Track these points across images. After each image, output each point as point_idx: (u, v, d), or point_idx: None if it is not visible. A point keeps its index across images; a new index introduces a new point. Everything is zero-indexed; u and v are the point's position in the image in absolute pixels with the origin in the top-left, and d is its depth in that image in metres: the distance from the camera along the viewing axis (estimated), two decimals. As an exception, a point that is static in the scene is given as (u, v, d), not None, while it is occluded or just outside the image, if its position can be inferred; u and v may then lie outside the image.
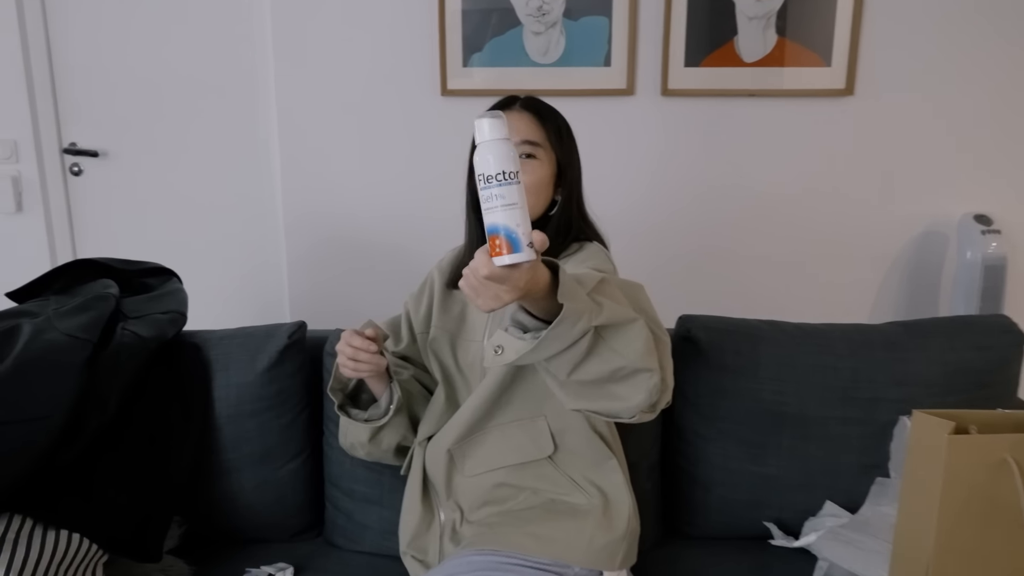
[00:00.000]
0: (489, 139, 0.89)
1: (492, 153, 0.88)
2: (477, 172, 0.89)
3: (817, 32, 2.38)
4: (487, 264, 0.86)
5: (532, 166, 1.35)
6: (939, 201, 2.53)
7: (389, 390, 1.39)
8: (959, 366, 1.58)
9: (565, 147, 1.39)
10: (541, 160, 1.36)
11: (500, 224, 0.86)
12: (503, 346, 0.97)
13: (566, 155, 1.39)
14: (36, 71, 2.65)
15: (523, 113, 1.38)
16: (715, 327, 1.63)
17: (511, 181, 0.87)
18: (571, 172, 1.39)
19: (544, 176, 1.36)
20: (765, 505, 1.63)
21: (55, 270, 1.67)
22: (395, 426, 1.42)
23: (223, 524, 1.61)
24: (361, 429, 1.41)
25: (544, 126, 1.37)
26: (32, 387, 1.30)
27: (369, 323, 1.36)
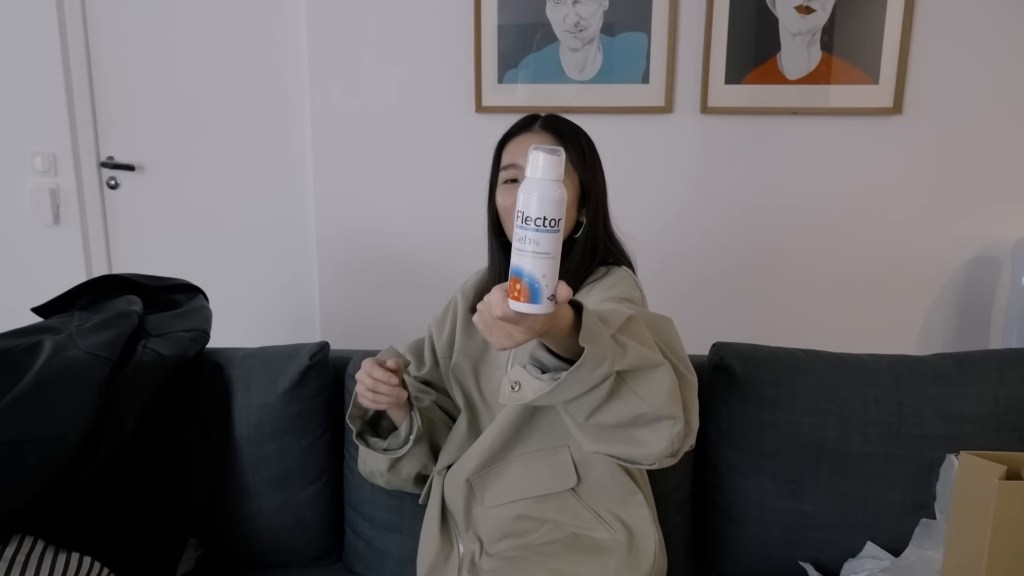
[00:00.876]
0: (541, 177, 0.83)
1: (539, 193, 0.83)
2: (518, 207, 0.83)
3: (864, 49, 2.34)
4: (501, 304, 0.82)
5: None
6: (992, 225, 2.47)
7: (409, 419, 1.35)
8: (1011, 403, 1.50)
9: (588, 167, 1.34)
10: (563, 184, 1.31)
11: (526, 270, 0.82)
12: (520, 383, 0.93)
13: (589, 175, 1.34)
14: (76, 86, 2.70)
15: (543, 135, 1.33)
16: (751, 355, 1.56)
17: (551, 229, 0.82)
18: (595, 192, 1.34)
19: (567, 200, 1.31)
20: (802, 544, 1.56)
21: (82, 285, 1.66)
22: (415, 455, 1.38)
23: (241, 547, 1.58)
24: (380, 459, 1.37)
25: (565, 146, 1.32)
26: (50, 405, 1.29)
27: (390, 350, 1.33)
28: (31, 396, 1.29)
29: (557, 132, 1.33)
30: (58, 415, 1.29)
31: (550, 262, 0.82)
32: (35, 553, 1.22)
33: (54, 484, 1.27)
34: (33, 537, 1.24)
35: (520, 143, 1.33)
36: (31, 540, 1.23)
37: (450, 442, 1.40)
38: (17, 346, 1.40)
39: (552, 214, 0.82)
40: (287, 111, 2.66)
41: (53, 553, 1.23)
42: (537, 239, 0.82)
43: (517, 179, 1.31)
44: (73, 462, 1.29)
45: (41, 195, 2.72)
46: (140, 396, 1.40)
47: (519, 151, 1.31)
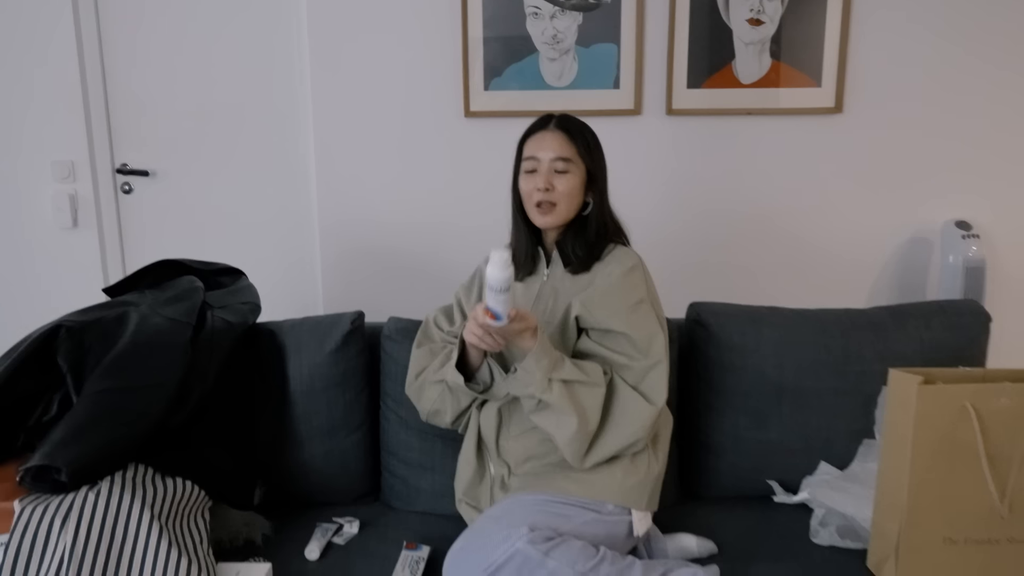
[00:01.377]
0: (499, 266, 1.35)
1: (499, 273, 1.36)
2: (486, 280, 1.37)
3: (808, 56, 2.58)
4: (481, 318, 1.41)
5: (565, 178, 1.60)
6: (922, 209, 2.70)
7: (487, 365, 1.60)
8: (934, 343, 1.81)
9: (594, 157, 1.64)
10: (572, 172, 1.61)
11: (492, 307, 1.40)
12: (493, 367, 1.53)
13: (594, 164, 1.64)
14: (92, 97, 2.86)
15: (556, 132, 1.63)
16: (723, 312, 1.86)
17: (505, 292, 1.37)
18: (600, 178, 1.64)
19: (575, 185, 1.61)
20: (768, 468, 1.85)
21: (142, 269, 1.90)
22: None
23: (296, 489, 1.83)
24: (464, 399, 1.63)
25: (574, 142, 1.62)
26: (148, 361, 1.54)
27: None
28: (131, 354, 1.54)
29: (567, 130, 1.62)
30: (156, 368, 1.54)
31: (505, 304, 1.39)
32: (148, 476, 1.46)
33: (158, 424, 1.52)
34: (144, 465, 1.49)
35: (538, 140, 1.63)
36: (143, 467, 1.48)
37: None
38: (106, 317, 1.64)
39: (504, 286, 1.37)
40: (290, 117, 2.83)
41: (161, 477, 1.48)
42: (498, 297, 1.38)
43: (536, 169, 1.60)
44: (170, 408, 1.54)
45: (61, 200, 2.87)
46: (217, 355, 1.66)
47: (538, 146, 1.62)
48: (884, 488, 1.49)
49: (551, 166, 1.60)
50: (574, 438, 1.47)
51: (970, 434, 1.39)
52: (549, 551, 1.36)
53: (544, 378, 1.45)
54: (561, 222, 1.63)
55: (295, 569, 1.58)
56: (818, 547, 1.65)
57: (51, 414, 1.54)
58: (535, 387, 1.45)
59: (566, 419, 1.46)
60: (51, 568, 1.28)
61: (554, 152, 1.60)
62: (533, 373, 1.45)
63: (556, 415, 1.47)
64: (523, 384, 1.46)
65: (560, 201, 1.60)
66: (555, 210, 1.60)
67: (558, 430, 1.48)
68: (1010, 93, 2.61)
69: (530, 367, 1.45)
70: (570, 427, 1.46)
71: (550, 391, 1.45)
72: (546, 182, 1.59)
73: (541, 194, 1.59)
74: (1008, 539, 1.44)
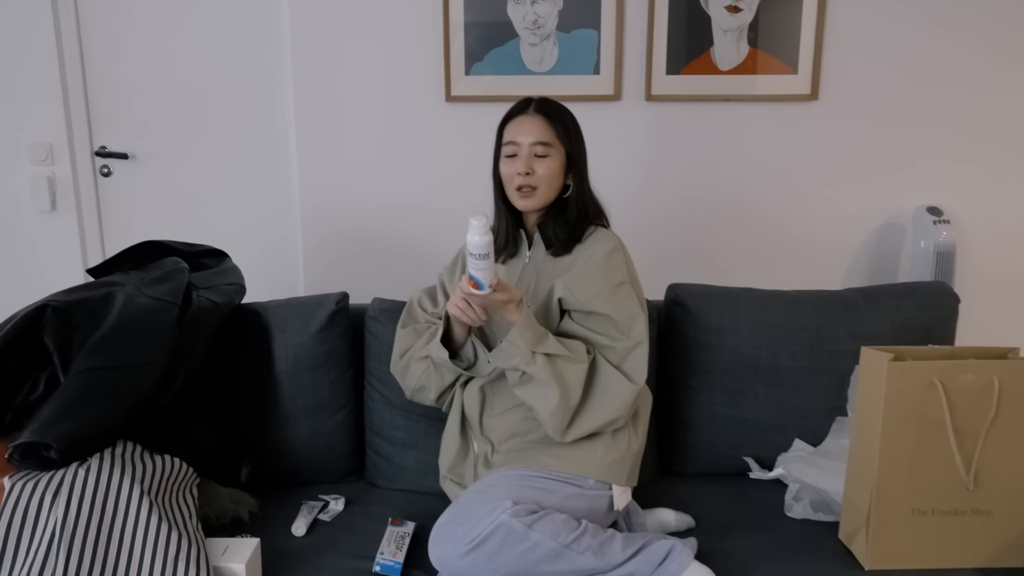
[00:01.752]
0: (478, 232, 1.40)
1: (478, 238, 1.40)
2: (467, 247, 1.41)
3: (785, 43, 2.61)
4: (465, 288, 1.46)
5: (545, 162, 1.63)
6: (895, 195, 2.76)
7: (471, 343, 1.63)
8: (904, 323, 1.87)
9: (573, 140, 1.66)
10: (552, 156, 1.63)
11: (474, 276, 1.44)
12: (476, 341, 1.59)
13: (574, 147, 1.66)
14: (70, 79, 2.84)
15: (536, 116, 1.65)
16: (700, 292, 1.91)
17: (486, 258, 1.42)
18: (579, 160, 1.67)
19: (555, 168, 1.64)
20: (744, 444, 1.90)
21: (126, 250, 1.91)
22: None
23: (281, 467, 1.85)
24: (448, 375, 1.66)
25: (553, 126, 1.65)
26: (135, 340, 1.56)
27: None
28: (118, 333, 1.56)
29: (547, 114, 1.64)
30: (142, 347, 1.55)
31: (487, 272, 1.43)
32: (136, 453, 1.48)
33: (146, 403, 1.54)
34: (133, 442, 1.51)
35: (518, 124, 1.65)
36: (132, 444, 1.50)
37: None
38: (92, 296, 1.64)
39: (484, 251, 1.41)
40: (271, 100, 2.83)
41: (150, 454, 1.50)
42: (479, 264, 1.42)
43: (516, 154, 1.63)
44: (157, 386, 1.56)
45: (39, 183, 2.85)
46: (203, 335, 1.67)
47: (518, 131, 1.64)
48: (855, 462, 1.54)
49: (531, 150, 1.62)
50: (555, 411, 1.51)
51: (938, 409, 1.45)
52: (532, 524, 1.40)
53: (528, 350, 1.49)
54: (541, 205, 1.65)
55: (282, 545, 1.61)
56: (792, 520, 1.70)
57: (38, 393, 1.55)
58: (519, 359, 1.49)
59: (548, 392, 1.50)
60: (43, 543, 1.30)
61: (534, 136, 1.63)
62: (517, 345, 1.48)
63: (539, 388, 1.51)
64: (507, 356, 1.50)
65: (540, 185, 1.63)
66: (535, 193, 1.63)
67: (540, 403, 1.52)
68: (982, 82, 2.66)
69: (515, 339, 1.48)
70: (552, 400, 1.50)
71: (533, 363, 1.49)
72: (526, 166, 1.62)
73: (521, 178, 1.62)
74: (973, 510, 1.50)
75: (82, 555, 1.30)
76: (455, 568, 1.42)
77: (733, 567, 1.51)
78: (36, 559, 1.29)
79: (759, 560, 1.54)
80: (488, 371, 1.61)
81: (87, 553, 1.31)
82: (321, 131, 2.74)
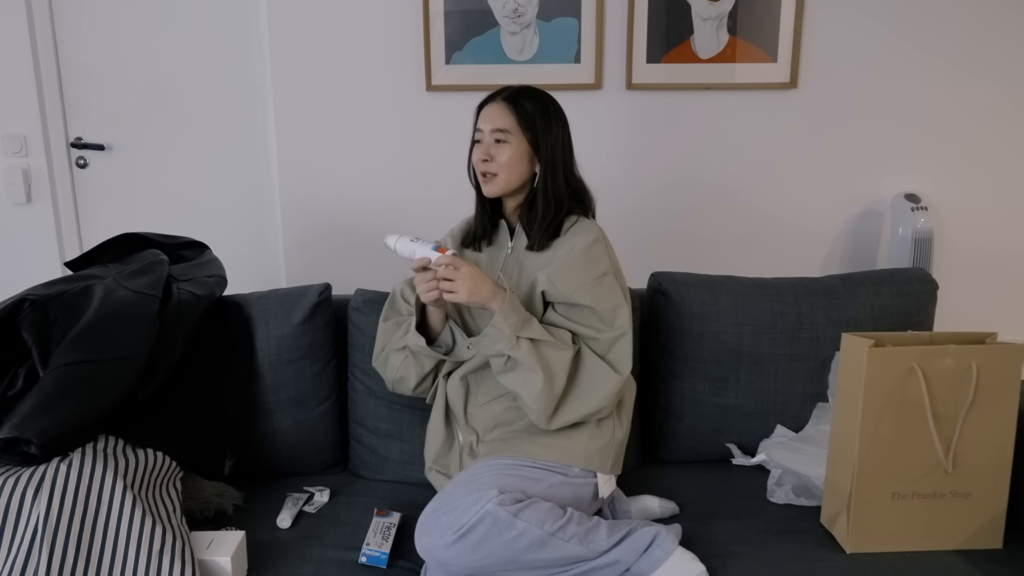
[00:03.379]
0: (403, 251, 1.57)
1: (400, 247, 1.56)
2: (409, 257, 1.55)
3: (764, 32, 2.64)
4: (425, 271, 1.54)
5: (502, 148, 1.62)
6: (874, 182, 2.80)
7: (449, 328, 1.64)
8: (884, 309, 1.88)
9: (537, 129, 1.63)
10: (510, 143, 1.62)
11: (425, 255, 1.54)
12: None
13: (539, 135, 1.63)
14: (44, 69, 2.81)
15: (500, 104, 1.65)
16: (682, 280, 1.91)
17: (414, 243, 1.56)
18: (545, 147, 1.64)
19: (513, 156, 1.62)
20: (727, 431, 1.92)
21: (105, 243, 1.89)
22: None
23: (265, 460, 1.84)
24: (427, 363, 1.66)
25: (516, 113, 1.63)
26: (115, 333, 1.54)
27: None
28: (98, 326, 1.54)
29: (511, 101, 1.63)
30: (124, 341, 1.54)
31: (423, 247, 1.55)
32: (118, 448, 1.47)
33: (127, 396, 1.52)
34: (115, 437, 1.49)
35: (485, 111, 1.66)
36: (114, 438, 1.49)
37: None
38: (70, 290, 1.63)
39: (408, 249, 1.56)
40: (250, 89, 2.82)
41: (132, 448, 1.49)
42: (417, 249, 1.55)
43: (480, 140, 1.64)
44: (138, 380, 1.54)
45: (13, 175, 2.82)
46: (184, 328, 1.66)
47: (483, 118, 1.66)
48: (836, 447, 1.56)
49: (491, 136, 1.63)
50: (540, 396, 1.51)
51: (917, 394, 1.46)
52: (518, 512, 1.41)
53: (512, 335, 1.49)
54: (501, 191, 1.64)
55: (267, 537, 1.60)
56: (774, 505, 1.72)
57: (16, 388, 1.53)
58: (503, 343, 1.49)
59: (533, 376, 1.50)
60: (25, 538, 1.29)
61: (492, 123, 1.63)
62: (502, 330, 1.48)
63: (523, 373, 1.50)
64: (492, 341, 1.50)
65: (500, 171, 1.62)
66: (495, 180, 1.63)
67: (525, 388, 1.51)
68: (960, 71, 2.70)
69: (499, 323, 1.48)
70: (536, 385, 1.50)
71: (518, 347, 1.49)
72: (485, 152, 1.62)
73: (482, 164, 1.63)
74: (952, 493, 1.52)
75: (65, 550, 1.29)
76: (441, 558, 1.42)
77: (717, 552, 1.53)
78: (19, 555, 1.28)
79: (742, 545, 1.56)
80: (468, 355, 1.61)
81: (70, 548, 1.30)
82: (300, 121, 2.73)
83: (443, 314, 1.62)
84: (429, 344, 1.61)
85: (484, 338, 1.52)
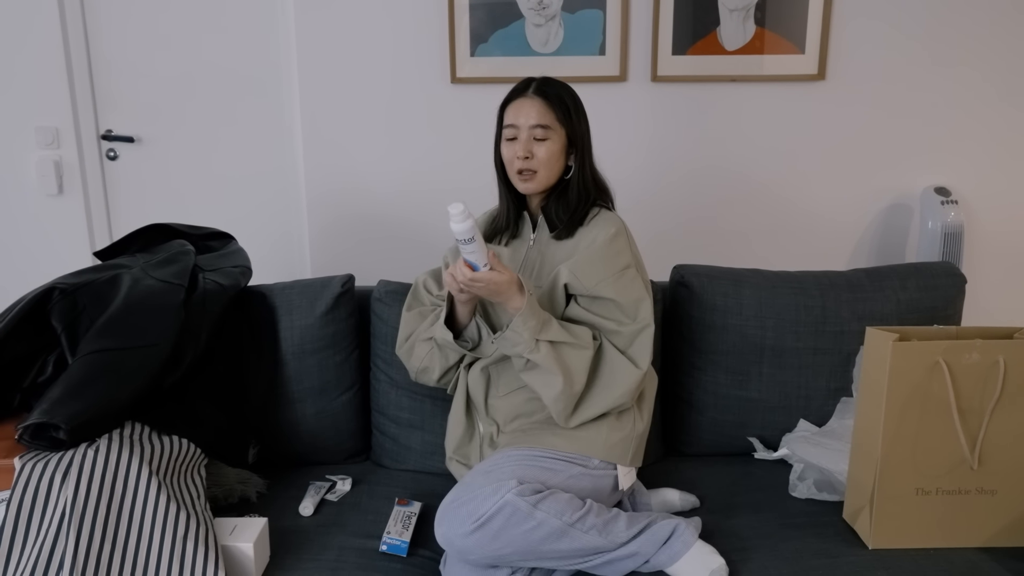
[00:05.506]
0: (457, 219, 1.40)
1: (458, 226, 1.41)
2: (455, 237, 1.41)
3: (792, 23, 2.60)
4: (463, 273, 1.47)
5: (544, 145, 1.62)
6: (903, 176, 2.76)
7: (475, 323, 1.64)
8: (909, 303, 1.86)
9: (573, 121, 1.65)
10: (551, 139, 1.62)
11: (467, 259, 1.46)
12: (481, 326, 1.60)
13: (574, 128, 1.65)
14: (75, 63, 2.84)
15: (534, 99, 1.64)
16: (705, 273, 1.91)
17: (472, 242, 1.43)
18: (581, 142, 1.66)
19: (555, 151, 1.63)
20: (749, 425, 1.91)
21: (132, 233, 1.92)
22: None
23: (288, 448, 1.87)
24: (452, 355, 1.67)
25: (552, 108, 1.63)
26: (142, 321, 1.57)
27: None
28: (125, 315, 1.57)
29: (545, 96, 1.63)
30: (150, 329, 1.56)
31: (479, 255, 1.45)
32: (144, 434, 1.50)
33: (153, 384, 1.55)
34: (141, 423, 1.52)
35: (517, 107, 1.65)
36: (140, 425, 1.52)
37: None
38: (99, 279, 1.66)
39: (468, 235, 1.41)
40: (277, 83, 2.83)
41: (158, 435, 1.52)
42: (469, 248, 1.43)
43: (516, 137, 1.63)
44: (164, 367, 1.57)
45: (46, 166, 2.86)
46: (209, 317, 1.68)
47: (517, 113, 1.64)
48: (859, 441, 1.55)
49: (530, 133, 1.62)
50: (559, 397, 1.52)
51: (942, 389, 1.45)
52: (537, 503, 1.41)
53: (531, 338, 1.49)
54: (542, 188, 1.65)
55: (289, 524, 1.62)
56: (796, 500, 1.71)
57: (46, 375, 1.57)
58: (522, 347, 1.49)
59: (552, 379, 1.51)
60: (53, 522, 1.32)
61: (532, 119, 1.62)
62: (521, 333, 1.49)
63: (543, 374, 1.52)
64: (511, 344, 1.51)
65: (540, 168, 1.62)
66: (536, 177, 1.63)
67: (545, 389, 1.53)
68: (991, 62, 2.65)
69: (518, 327, 1.49)
70: (555, 387, 1.51)
71: (537, 351, 1.50)
72: (525, 149, 1.61)
73: (521, 161, 1.62)
74: (977, 489, 1.50)
75: (92, 534, 1.32)
76: (460, 546, 1.43)
77: (737, 545, 1.52)
78: (47, 538, 1.31)
79: (763, 539, 1.55)
80: (492, 351, 1.62)
81: (97, 532, 1.32)
82: (326, 114, 2.74)
83: (471, 308, 1.62)
84: (456, 337, 1.62)
85: (504, 340, 1.52)
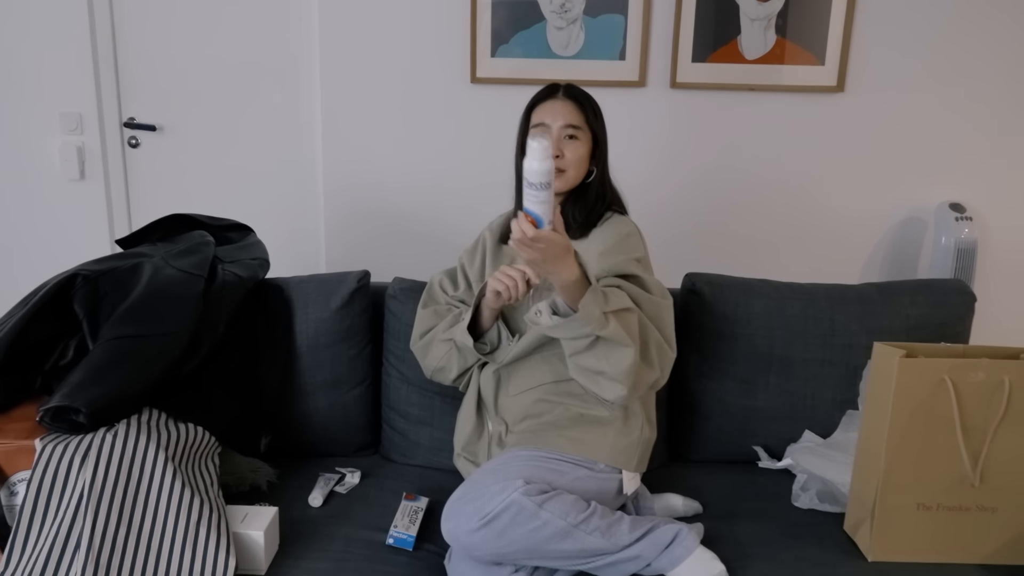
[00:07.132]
0: (539, 156, 1.26)
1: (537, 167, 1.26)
2: (525, 177, 1.28)
3: (813, 34, 2.61)
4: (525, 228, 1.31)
5: (575, 145, 1.65)
6: (918, 190, 2.76)
7: (497, 328, 1.66)
8: (919, 319, 1.88)
9: (599, 125, 1.69)
10: (581, 140, 1.66)
11: (532, 211, 1.31)
12: (541, 313, 1.45)
13: (600, 132, 1.69)
14: (101, 51, 2.87)
15: (566, 101, 1.68)
16: (716, 282, 1.93)
17: (546, 188, 1.28)
18: (604, 146, 1.70)
19: (584, 152, 1.67)
20: (754, 433, 1.93)
21: (154, 223, 1.95)
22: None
23: (299, 439, 1.90)
24: (470, 357, 1.68)
25: (583, 110, 1.68)
26: (161, 309, 1.61)
27: None
28: (145, 303, 1.60)
29: (576, 99, 1.68)
30: (169, 317, 1.60)
31: (547, 206, 1.30)
32: (161, 421, 1.53)
33: (171, 371, 1.59)
34: (159, 410, 1.56)
35: (547, 107, 1.68)
36: (157, 411, 1.55)
37: None
38: (121, 267, 1.69)
39: (546, 180, 1.27)
40: (298, 77, 2.86)
41: (174, 422, 1.55)
42: (538, 195, 1.28)
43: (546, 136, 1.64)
44: (182, 356, 1.61)
45: (68, 152, 2.90)
46: (227, 308, 1.72)
47: (548, 113, 1.67)
48: (863, 455, 1.57)
49: (561, 132, 1.65)
50: (630, 369, 1.45)
51: (947, 406, 1.46)
52: (543, 503, 1.44)
53: (602, 314, 1.41)
54: (567, 188, 1.68)
55: (299, 515, 1.65)
56: (798, 510, 1.72)
57: (67, 359, 1.60)
58: (594, 325, 1.40)
59: (624, 350, 1.44)
60: (71, 503, 1.35)
61: (564, 119, 1.65)
62: (591, 311, 1.39)
63: (613, 349, 1.44)
64: (582, 324, 1.40)
65: (569, 168, 1.66)
66: (564, 176, 1.66)
67: (615, 365, 1.45)
68: (1010, 77, 2.65)
69: (588, 305, 1.39)
70: (628, 357, 1.44)
71: (607, 326, 1.41)
72: (556, 149, 1.64)
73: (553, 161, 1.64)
74: (978, 507, 1.52)
75: (108, 516, 1.35)
76: (466, 543, 1.45)
77: (738, 552, 1.54)
78: (65, 518, 1.34)
79: (764, 547, 1.57)
80: (508, 358, 1.64)
81: (113, 514, 1.36)
82: (346, 110, 2.76)
83: (496, 313, 1.63)
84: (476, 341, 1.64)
85: (572, 322, 1.40)
